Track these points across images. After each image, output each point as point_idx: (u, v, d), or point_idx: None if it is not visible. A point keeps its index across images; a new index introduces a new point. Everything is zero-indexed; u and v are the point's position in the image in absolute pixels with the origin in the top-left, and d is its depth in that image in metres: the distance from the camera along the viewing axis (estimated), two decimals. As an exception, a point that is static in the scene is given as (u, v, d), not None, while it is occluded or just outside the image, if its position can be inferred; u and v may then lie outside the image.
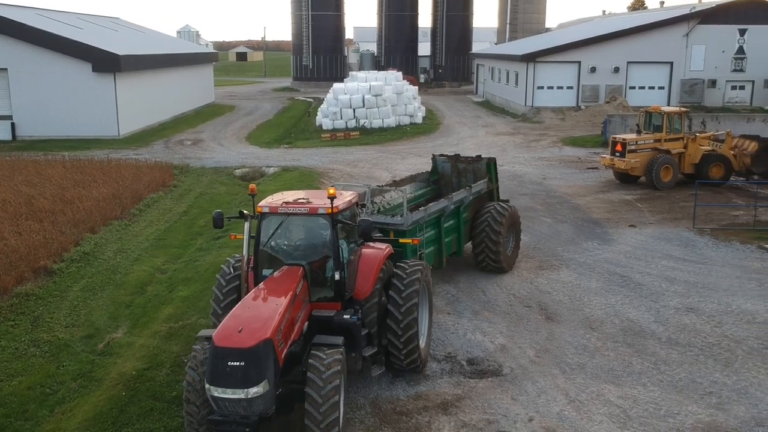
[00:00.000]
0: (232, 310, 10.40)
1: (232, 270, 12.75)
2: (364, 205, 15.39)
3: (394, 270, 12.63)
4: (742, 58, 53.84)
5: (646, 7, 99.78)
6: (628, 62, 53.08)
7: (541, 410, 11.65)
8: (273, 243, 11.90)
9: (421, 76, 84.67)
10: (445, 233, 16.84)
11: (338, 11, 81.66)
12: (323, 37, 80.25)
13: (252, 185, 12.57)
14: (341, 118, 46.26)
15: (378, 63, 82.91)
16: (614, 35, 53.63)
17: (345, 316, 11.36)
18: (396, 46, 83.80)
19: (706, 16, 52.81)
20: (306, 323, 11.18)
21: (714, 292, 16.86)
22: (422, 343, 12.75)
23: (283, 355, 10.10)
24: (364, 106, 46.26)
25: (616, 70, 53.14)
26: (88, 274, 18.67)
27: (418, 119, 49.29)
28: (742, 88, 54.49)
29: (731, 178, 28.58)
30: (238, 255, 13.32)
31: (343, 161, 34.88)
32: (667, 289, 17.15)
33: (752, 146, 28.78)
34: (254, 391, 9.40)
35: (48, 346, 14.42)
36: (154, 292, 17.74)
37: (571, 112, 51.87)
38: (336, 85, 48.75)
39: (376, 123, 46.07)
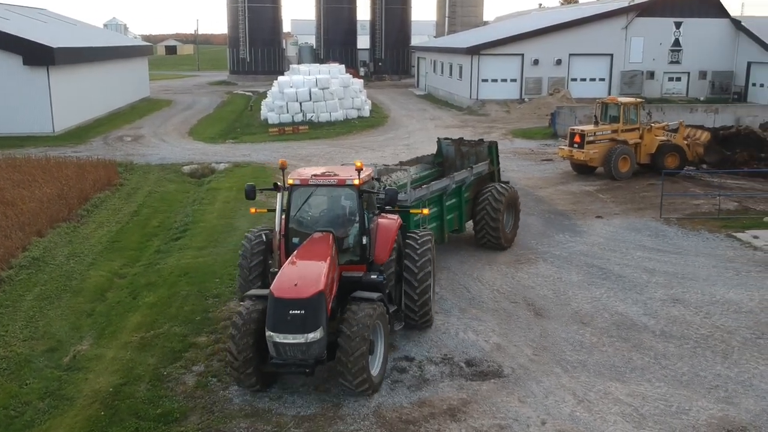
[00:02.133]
0: (282, 269, 11.39)
1: (264, 237, 13.72)
2: (379, 180, 16.07)
3: (407, 241, 13.58)
4: (678, 50, 55.20)
5: (577, 1, 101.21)
6: (570, 54, 53.65)
7: (551, 412, 11.18)
8: (303, 213, 12.72)
9: (361, 69, 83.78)
10: (447, 211, 17.95)
11: (275, 3, 79.98)
12: (260, 30, 78.48)
13: (282, 159, 13.24)
14: (287, 112, 45.04)
15: (317, 56, 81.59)
16: (556, 28, 54.09)
17: (372, 276, 12.27)
18: (335, 39, 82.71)
19: (644, 9, 53.82)
20: (336, 283, 11.97)
21: (695, 283, 16.80)
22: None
23: (329, 308, 11.10)
24: (311, 99, 45.20)
25: (559, 62, 53.65)
26: (41, 281, 17.31)
27: (366, 113, 48.55)
28: (678, 79, 55.89)
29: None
30: (254, 229, 14.63)
31: (295, 156, 33.84)
32: (648, 280, 17.00)
33: (705, 136, 29.23)
34: (312, 336, 10.56)
35: (6, 363, 13.17)
36: (116, 299, 16.56)
37: (516, 104, 52.09)
38: (281, 78, 47.49)
39: (324, 117, 45.11)
